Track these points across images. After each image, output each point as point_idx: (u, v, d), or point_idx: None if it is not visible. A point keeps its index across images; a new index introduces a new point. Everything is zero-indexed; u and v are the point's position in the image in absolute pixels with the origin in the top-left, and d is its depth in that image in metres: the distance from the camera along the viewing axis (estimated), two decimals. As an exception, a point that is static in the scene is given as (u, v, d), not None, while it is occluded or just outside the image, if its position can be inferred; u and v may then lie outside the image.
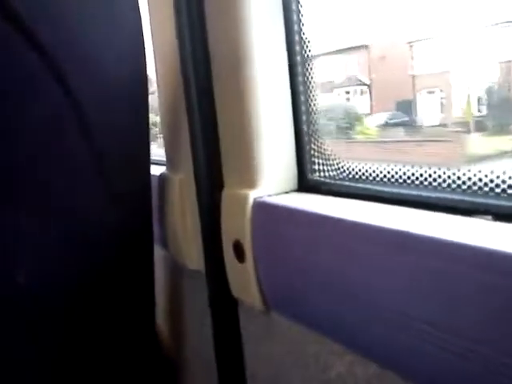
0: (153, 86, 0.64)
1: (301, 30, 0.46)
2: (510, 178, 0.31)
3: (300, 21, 0.45)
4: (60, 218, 0.52)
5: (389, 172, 0.40)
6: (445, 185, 0.35)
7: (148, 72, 0.56)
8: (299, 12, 0.45)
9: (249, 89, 0.44)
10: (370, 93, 0.61)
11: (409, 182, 0.38)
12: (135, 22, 0.54)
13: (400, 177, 0.39)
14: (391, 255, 0.31)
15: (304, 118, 0.47)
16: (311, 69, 0.46)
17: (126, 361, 0.60)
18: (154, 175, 0.61)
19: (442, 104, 0.53)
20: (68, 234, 0.53)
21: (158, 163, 0.69)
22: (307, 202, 0.43)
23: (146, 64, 0.55)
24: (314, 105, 0.46)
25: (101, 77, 0.53)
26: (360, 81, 0.61)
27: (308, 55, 0.46)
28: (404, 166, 0.39)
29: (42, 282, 0.52)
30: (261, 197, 0.44)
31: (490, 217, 0.31)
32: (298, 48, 0.46)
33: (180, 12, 0.49)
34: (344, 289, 0.35)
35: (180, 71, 0.51)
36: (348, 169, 0.44)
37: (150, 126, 0.60)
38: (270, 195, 0.45)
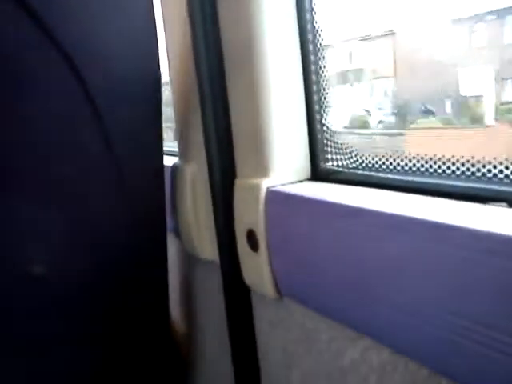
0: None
1: (313, 18, 0.45)
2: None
3: (312, 9, 0.45)
4: (73, 209, 0.53)
5: (402, 160, 0.40)
6: (459, 172, 0.35)
7: (161, 63, 0.56)
8: (311, 0, 0.45)
9: (261, 79, 0.44)
10: None
11: (422, 169, 0.38)
12: (147, 12, 0.54)
13: (414, 165, 0.39)
14: (404, 242, 0.31)
15: (317, 107, 0.47)
16: (324, 58, 0.46)
17: (140, 350, 0.61)
18: (166, 166, 0.61)
19: None
20: (81, 224, 0.54)
21: (170, 154, 0.70)
22: (320, 190, 0.43)
23: (158, 55, 0.55)
24: (327, 93, 0.46)
25: (113, 67, 0.53)
26: None
27: (321, 44, 0.45)
28: (417, 155, 0.39)
29: (55, 273, 0.52)
30: (274, 186, 0.44)
31: (504, 204, 0.31)
32: (310, 37, 0.46)
33: (192, 2, 0.49)
34: (357, 275, 0.35)
35: (193, 62, 0.51)
36: (361, 158, 0.44)
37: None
38: (283, 184, 0.45)
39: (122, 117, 0.54)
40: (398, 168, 0.40)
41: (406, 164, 0.39)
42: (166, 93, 0.62)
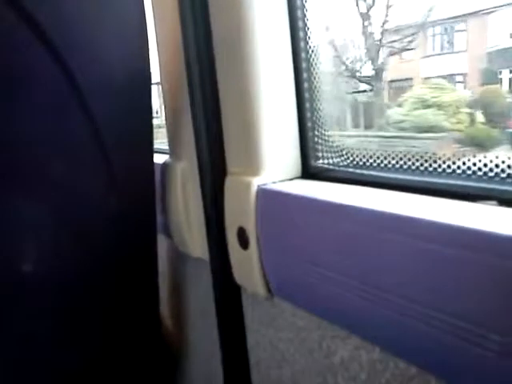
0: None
1: (304, 15, 0.45)
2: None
3: (304, 6, 0.45)
4: (62, 206, 0.52)
5: (393, 158, 0.40)
6: (449, 170, 0.35)
7: (151, 60, 0.56)
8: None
9: (252, 77, 0.44)
10: None
11: (413, 167, 0.38)
12: (137, 8, 0.53)
13: (404, 163, 0.39)
14: (395, 240, 0.31)
15: (307, 105, 0.47)
16: (315, 55, 0.46)
17: (130, 347, 0.60)
18: (156, 163, 0.61)
19: None
20: (70, 221, 0.53)
21: (160, 152, 0.69)
22: (311, 188, 0.43)
23: (148, 51, 0.55)
24: (318, 91, 0.46)
25: (103, 63, 0.52)
26: None
27: (312, 41, 0.45)
28: (408, 153, 0.39)
29: (44, 271, 0.52)
30: (264, 184, 0.44)
31: (494, 202, 0.31)
32: (301, 34, 0.45)
33: (183, 2, 0.49)
34: (347, 274, 0.35)
35: (183, 60, 0.51)
36: (351, 155, 0.44)
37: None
38: (273, 182, 0.45)
39: (112, 115, 0.53)
40: (389, 166, 0.40)
41: (397, 162, 0.39)
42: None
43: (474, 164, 0.33)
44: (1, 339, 0.51)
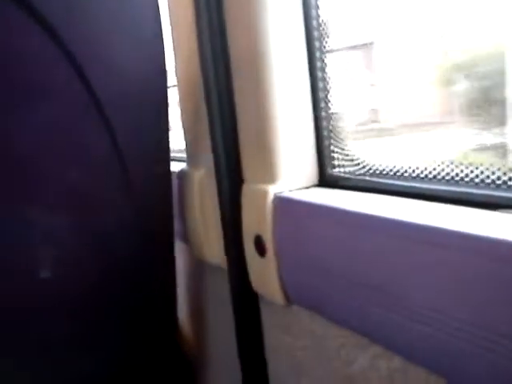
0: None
1: (320, 25, 0.45)
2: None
3: (318, 15, 0.45)
4: (82, 215, 0.53)
5: (410, 167, 0.40)
6: (468, 179, 0.35)
7: (168, 69, 0.56)
8: (317, 6, 0.45)
9: (268, 85, 0.44)
10: None
11: (431, 176, 0.38)
12: (154, 17, 0.54)
13: (422, 172, 0.38)
14: (413, 249, 0.31)
15: (324, 113, 0.47)
16: (330, 64, 0.46)
17: (147, 355, 0.61)
18: (174, 171, 0.62)
19: None
20: (90, 229, 0.54)
21: (177, 160, 0.70)
22: (327, 196, 0.43)
23: (164, 59, 0.56)
24: (334, 100, 0.46)
25: (121, 73, 0.53)
26: None
27: (327, 50, 0.45)
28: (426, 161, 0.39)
29: (65, 278, 0.53)
30: (281, 192, 0.44)
31: None
32: (317, 44, 0.46)
33: (199, 6, 0.49)
34: (366, 282, 0.35)
35: (200, 67, 0.52)
36: (368, 164, 0.44)
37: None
38: (290, 190, 0.45)
39: (129, 123, 0.54)
40: (406, 174, 0.40)
41: (414, 170, 0.39)
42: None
43: (493, 173, 0.33)
44: (21, 344, 0.52)
